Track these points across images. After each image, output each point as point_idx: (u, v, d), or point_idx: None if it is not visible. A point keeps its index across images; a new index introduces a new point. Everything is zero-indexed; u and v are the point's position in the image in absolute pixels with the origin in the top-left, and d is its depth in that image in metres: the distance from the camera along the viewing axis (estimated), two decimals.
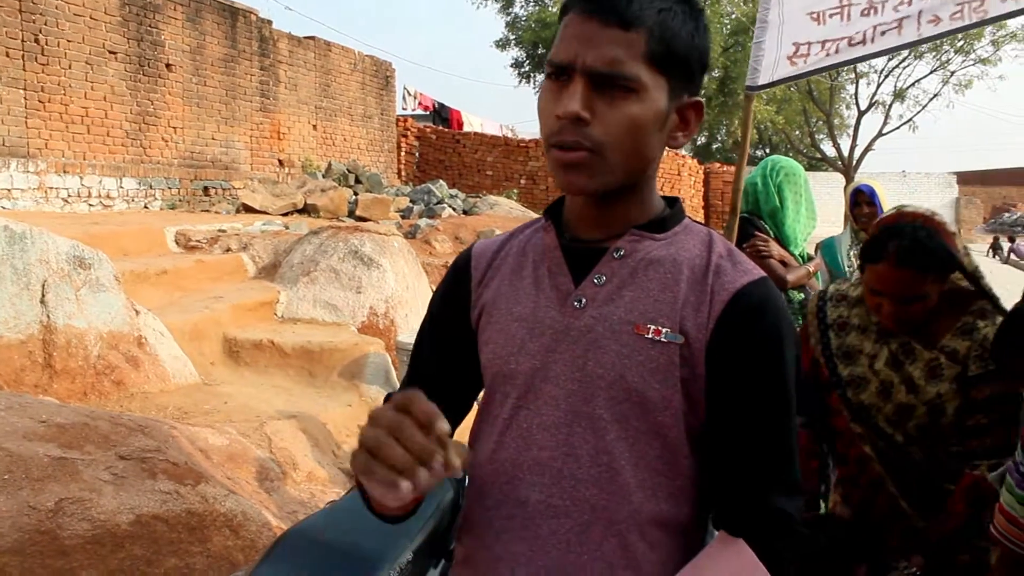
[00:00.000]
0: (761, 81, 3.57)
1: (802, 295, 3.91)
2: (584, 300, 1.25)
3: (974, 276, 2.24)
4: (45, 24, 10.20)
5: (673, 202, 1.34)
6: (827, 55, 3.44)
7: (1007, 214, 43.14)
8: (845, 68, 36.83)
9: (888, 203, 4.52)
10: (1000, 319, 2.15)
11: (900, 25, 3.28)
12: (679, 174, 20.64)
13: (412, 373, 1.46)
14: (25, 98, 9.99)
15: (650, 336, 1.21)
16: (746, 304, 1.21)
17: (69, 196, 10.39)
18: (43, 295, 4.64)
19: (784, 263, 3.83)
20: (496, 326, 1.32)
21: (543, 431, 1.25)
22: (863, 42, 3.34)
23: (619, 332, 1.22)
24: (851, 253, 4.65)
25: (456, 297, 1.41)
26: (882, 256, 2.13)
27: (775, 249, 3.82)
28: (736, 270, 1.25)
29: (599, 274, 1.26)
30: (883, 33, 3.31)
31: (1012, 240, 30.62)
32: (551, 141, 1.20)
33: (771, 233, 3.89)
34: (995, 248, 31.02)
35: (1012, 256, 28.43)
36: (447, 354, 1.41)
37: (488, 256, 1.40)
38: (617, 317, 1.23)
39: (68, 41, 10.53)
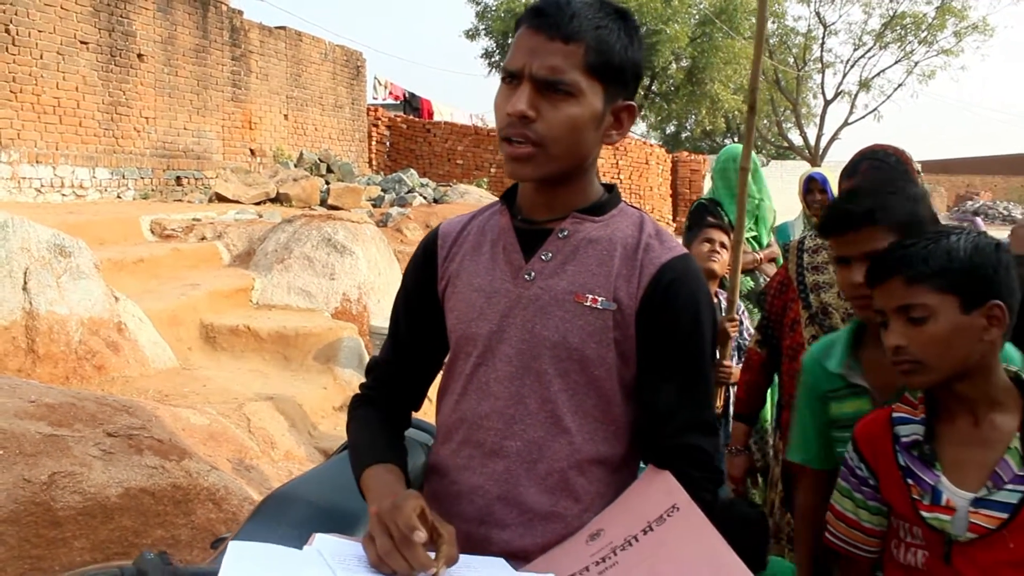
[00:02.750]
0: None
1: (752, 282, 4.13)
2: (533, 273, 1.47)
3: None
4: (15, 14, 10.20)
5: (611, 188, 1.57)
6: None
7: (970, 202, 43.83)
8: (811, 57, 37.24)
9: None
10: None
11: None
12: (647, 163, 20.85)
13: (391, 340, 1.68)
14: None
15: (588, 304, 1.44)
16: (670, 276, 1.44)
17: (42, 186, 10.42)
18: (25, 282, 4.76)
19: None
20: (459, 296, 1.54)
21: (498, 384, 1.47)
22: None
23: (562, 301, 1.45)
24: None
25: (425, 272, 1.62)
26: (854, 173, 2.48)
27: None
28: (662, 247, 1.48)
29: (546, 251, 1.48)
30: None
31: None
32: (502, 135, 1.42)
33: (726, 219, 4.10)
34: None
35: None
36: (419, 322, 1.63)
37: (453, 235, 1.61)
38: (561, 288, 1.46)
39: (39, 31, 10.53)
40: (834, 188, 4.82)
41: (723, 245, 3.67)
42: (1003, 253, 1.53)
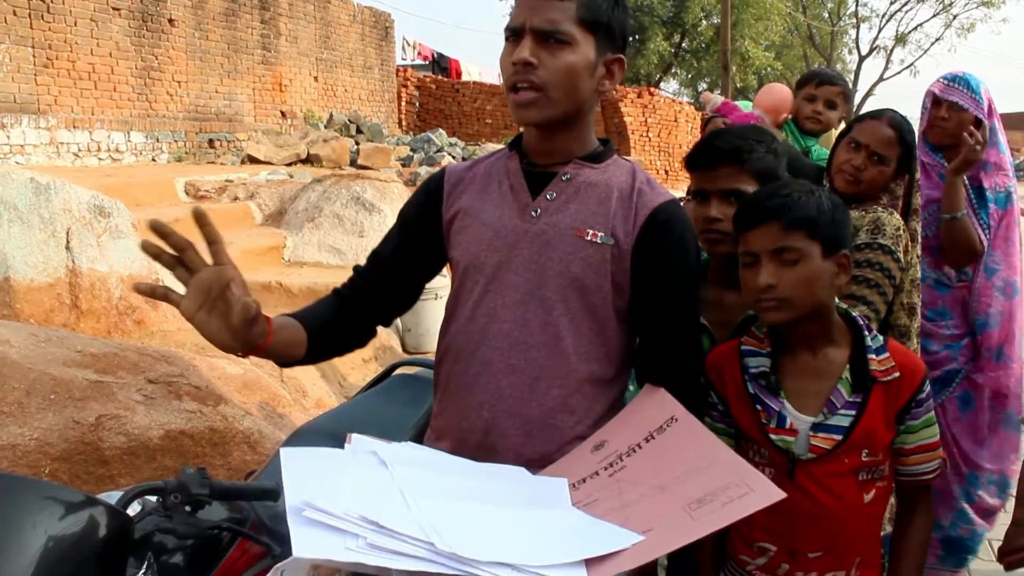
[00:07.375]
0: None
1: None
2: (539, 211, 1.66)
3: None
4: None
5: (605, 142, 1.75)
6: None
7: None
8: (846, 11, 36.65)
9: None
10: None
11: None
12: (676, 120, 20.76)
13: (374, 257, 1.86)
14: (34, 56, 10.24)
15: (589, 238, 1.63)
16: (663, 218, 1.64)
17: (80, 151, 10.70)
18: (68, 242, 4.99)
19: None
20: (469, 229, 1.71)
21: (505, 309, 1.66)
22: None
23: (565, 235, 1.64)
24: None
25: (428, 206, 1.80)
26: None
27: None
28: (654, 192, 1.68)
29: (550, 191, 1.67)
30: None
31: None
32: (508, 85, 1.61)
33: None
34: None
35: None
36: (408, 247, 1.82)
37: (459, 175, 1.80)
38: (564, 224, 1.64)
39: None
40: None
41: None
42: (848, 212, 1.77)
